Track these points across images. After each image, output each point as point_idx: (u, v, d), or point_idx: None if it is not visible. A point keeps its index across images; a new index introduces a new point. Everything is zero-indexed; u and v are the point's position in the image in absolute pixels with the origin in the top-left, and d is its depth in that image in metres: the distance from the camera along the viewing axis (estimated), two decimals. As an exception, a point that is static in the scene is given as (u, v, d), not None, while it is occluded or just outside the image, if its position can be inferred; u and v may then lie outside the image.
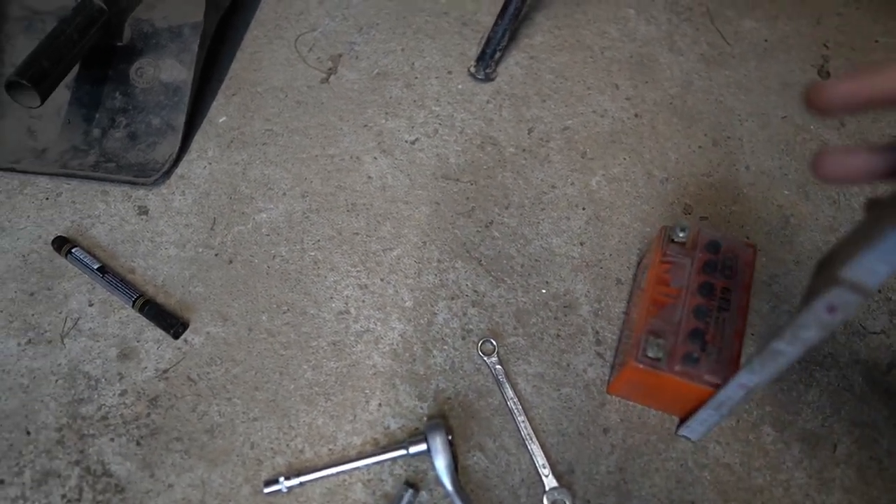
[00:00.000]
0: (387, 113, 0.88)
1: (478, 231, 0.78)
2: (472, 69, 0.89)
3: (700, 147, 0.85)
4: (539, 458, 0.66)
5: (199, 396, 0.69)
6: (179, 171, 0.83)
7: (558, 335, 0.72)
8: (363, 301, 0.74)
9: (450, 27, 0.97)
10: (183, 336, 0.72)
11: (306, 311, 0.74)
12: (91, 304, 0.74)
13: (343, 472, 0.64)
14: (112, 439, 0.67)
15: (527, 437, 0.67)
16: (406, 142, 0.85)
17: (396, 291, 0.75)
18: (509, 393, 0.69)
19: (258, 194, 0.81)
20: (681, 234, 0.66)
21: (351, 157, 0.84)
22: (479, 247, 0.77)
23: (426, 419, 0.67)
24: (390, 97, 0.90)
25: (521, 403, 0.68)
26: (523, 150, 0.84)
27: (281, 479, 0.63)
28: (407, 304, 0.74)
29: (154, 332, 0.72)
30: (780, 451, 0.67)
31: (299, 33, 0.96)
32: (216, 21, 0.88)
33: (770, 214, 0.81)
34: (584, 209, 0.80)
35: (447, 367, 0.71)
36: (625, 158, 0.84)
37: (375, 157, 0.84)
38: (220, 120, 0.87)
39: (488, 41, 0.87)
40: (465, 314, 0.73)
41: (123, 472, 0.66)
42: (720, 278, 0.65)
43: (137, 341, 0.72)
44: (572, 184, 0.82)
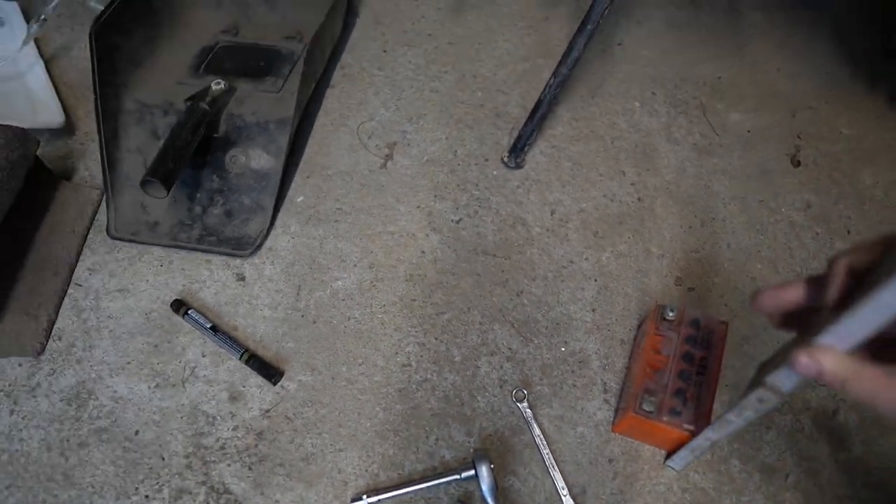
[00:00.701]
0: (435, 196, 1.09)
1: (511, 299, 0.98)
2: (505, 158, 1.10)
3: (690, 227, 1.04)
4: (559, 482, 0.86)
5: (295, 431, 0.89)
6: (268, 244, 1.03)
7: (574, 385, 0.92)
8: (421, 356, 0.94)
9: (485, 118, 1.18)
10: (280, 383, 0.92)
11: (377, 363, 0.94)
12: (204, 356, 0.94)
13: (409, 493, 0.85)
14: (229, 465, 0.87)
15: (550, 465, 0.87)
16: (452, 221, 1.04)
17: (447, 349, 0.95)
18: (536, 431, 0.89)
19: (333, 265, 1.01)
20: (670, 314, 0.87)
21: (407, 234, 1.03)
22: (512, 312, 0.97)
23: (473, 451, 0.88)
24: (437, 181, 1.11)
25: (545, 439, 0.88)
26: (547, 229, 1.04)
27: (364, 497, 0.84)
28: (456, 359, 0.94)
29: (256, 380, 0.92)
30: (744, 478, 0.87)
31: (360, 122, 1.17)
32: (299, 118, 1.07)
33: (745, 285, 1.01)
34: (595, 281, 1.00)
35: (488, 410, 0.91)
36: (629, 237, 1.03)
37: (427, 234, 1.03)
38: (299, 199, 1.06)
39: (519, 137, 1.07)
40: (501, 367, 0.93)
41: (240, 491, 0.85)
42: (699, 349, 0.85)
43: (243, 386, 0.92)
44: (586, 259, 1.01)
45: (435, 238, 1.05)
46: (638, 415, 0.82)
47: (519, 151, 1.10)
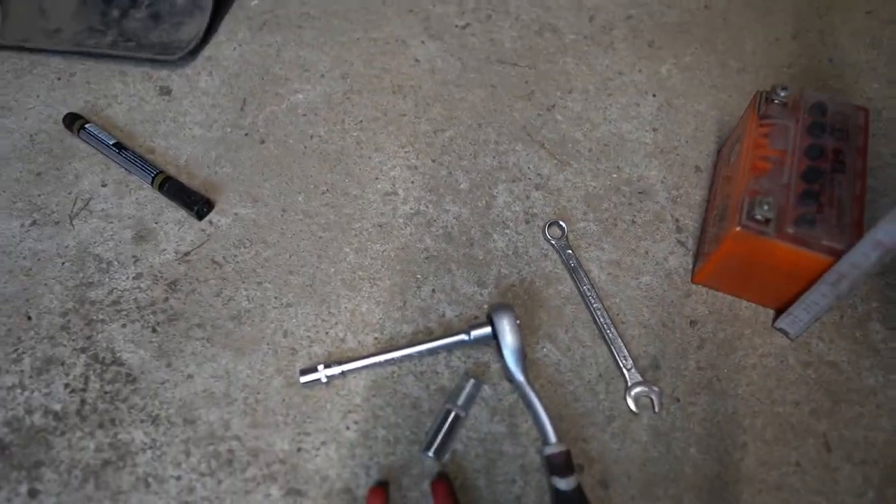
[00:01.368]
0: (433, -2, 0.79)
1: (539, 114, 0.67)
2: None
3: (777, 39, 0.75)
4: (619, 350, 0.55)
5: (224, 280, 0.58)
6: (206, 52, 0.72)
7: (633, 221, 0.62)
8: (412, 182, 0.63)
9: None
10: (207, 217, 0.61)
11: (348, 191, 0.63)
12: (104, 185, 0.64)
13: (391, 362, 0.52)
14: (124, 325, 0.56)
15: (604, 327, 0.56)
16: (456, 26, 0.75)
17: (450, 173, 0.64)
18: (584, 280, 0.58)
19: (293, 76, 0.71)
20: (782, 94, 0.56)
21: (396, 41, 0.73)
22: (541, 130, 0.67)
23: (488, 305, 0.57)
24: (437, -17, 0.81)
25: (595, 291, 0.58)
26: (585, 36, 0.74)
27: (320, 368, 0.51)
28: (462, 185, 0.63)
29: (175, 213, 0.62)
30: (893, 349, 0.57)
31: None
32: None
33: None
34: (654, 96, 0.70)
35: (509, 252, 0.59)
36: (696, 48, 0.74)
37: (423, 41, 0.73)
38: (253, 3, 0.76)
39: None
40: (528, 197, 0.62)
41: (136, 361, 0.55)
42: (832, 140, 0.55)
43: (156, 223, 0.62)
44: (640, 71, 0.71)
45: (433, 46, 0.73)
46: (746, 230, 0.49)
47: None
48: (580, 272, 0.57)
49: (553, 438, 0.49)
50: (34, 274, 0.58)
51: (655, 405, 0.52)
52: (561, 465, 0.47)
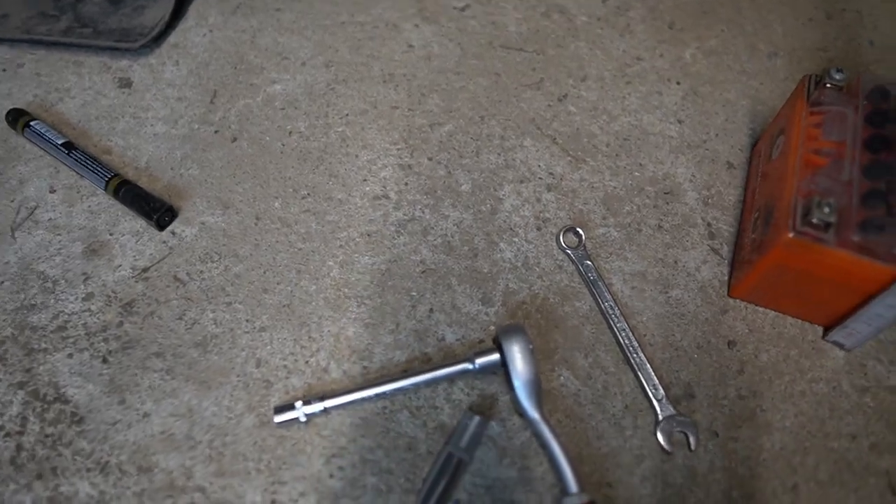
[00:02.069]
0: (428, -21, 0.71)
1: (549, 105, 0.59)
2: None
3: (810, 20, 0.67)
4: (648, 378, 0.46)
5: (188, 301, 0.50)
6: (172, 39, 0.64)
7: (660, 226, 0.53)
8: (406, 184, 0.55)
9: None
10: (170, 227, 0.53)
11: (332, 195, 0.54)
12: (53, 191, 0.55)
13: (382, 396, 0.44)
14: (70, 355, 0.48)
15: (629, 350, 0.48)
16: (454, 8, 0.66)
17: (449, 173, 0.55)
18: (605, 295, 0.50)
19: (270, 64, 0.62)
20: (837, 77, 0.48)
21: (386, 25, 0.65)
22: (552, 122, 0.58)
23: (495, 327, 0.49)
24: (431, -36, 0.72)
25: (618, 308, 0.50)
26: (598, 18, 0.66)
27: (298, 405, 0.43)
28: (463, 187, 0.54)
29: (132, 223, 0.53)
30: (966, 373, 0.50)
31: None
32: None
33: (905, 96, 0.64)
34: (678, 83, 0.61)
35: (518, 264, 0.51)
36: (722, 30, 0.66)
37: (417, 25, 0.65)
38: (225, -15, 0.70)
39: None
40: (538, 200, 0.54)
41: (83, 398, 0.46)
42: None
43: (110, 234, 0.53)
44: (661, 56, 0.63)
45: (428, 29, 0.65)
46: (801, 236, 0.40)
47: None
48: (600, 286, 0.49)
49: (574, 487, 0.41)
50: (-33, 295, 0.50)
51: (691, 442, 0.44)
52: (584, 521, 0.39)
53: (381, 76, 0.60)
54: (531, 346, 0.43)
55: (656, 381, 0.46)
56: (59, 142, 0.55)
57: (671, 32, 0.64)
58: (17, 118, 0.56)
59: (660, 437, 0.45)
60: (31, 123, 0.56)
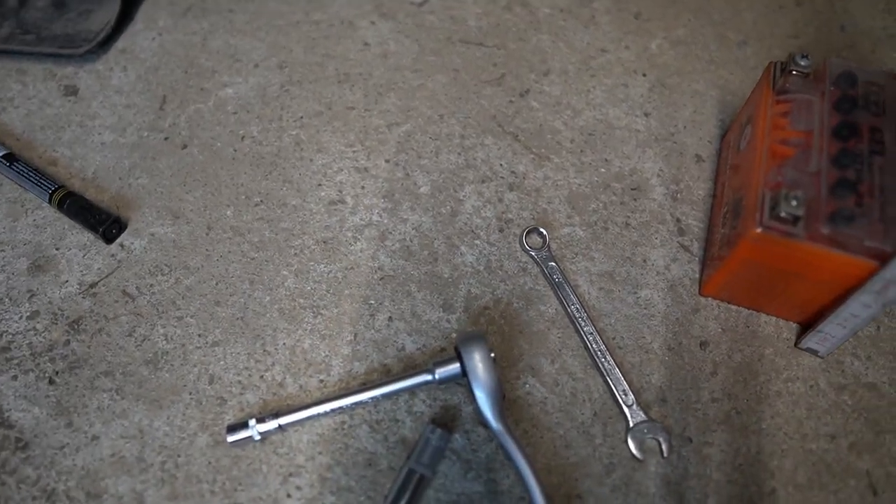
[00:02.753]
0: (386, -26, 0.68)
1: (511, 101, 0.57)
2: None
3: (780, 7, 0.65)
4: (617, 383, 0.45)
5: (138, 316, 0.48)
6: (120, 44, 0.61)
7: (627, 224, 0.51)
8: (363, 188, 0.52)
9: None
10: (119, 240, 0.50)
11: (286, 201, 0.52)
12: (-5, 206, 0.54)
13: (341, 410, 0.42)
14: (14, 377, 0.45)
15: (598, 355, 0.46)
16: (412, 3, 0.64)
17: (408, 175, 0.53)
18: (571, 297, 0.48)
19: (222, 67, 0.60)
20: (802, 63, 0.47)
21: (342, 23, 0.63)
22: (514, 119, 0.56)
23: (456, 335, 0.47)
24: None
25: (586, 311, 0.48)
26: (561, 10, 0.64)
27: (252, 423, 0.41)
28: (422, 189, 0.52)
29: (80, 237, 0.51)
30: (944, 366, 0.48)
31: None
32: None
33: (877, 81, 0.62)
34: (644, 75, 0.59)
35: (480, 268, 0.49)
36: (689, 19, 0.64)
37: (373, 22, 0.63)
38: (175, -14, 0.67)
39: None
40: (501, 200, 0.52)
41: (28, 422, 0.44)
42: (867, 117, 0.45)
43: (56, 249, 0.51)
44: (627, 47, 0.61)
45: (385, 26, 0.62)
46: (768, 231, 0.39)
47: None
48: (566, 288, 0.47)
49: (541, 501, 0.39)
50: None
51: (664, 448, 0.43)
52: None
53: (336, 76, 0.58)
54: (493, 354, 0.41)
55: (626, 386, 0.44)
56: (0, 154, 0.52)
57: (637, 23, 0.62)
58: (-44, 131, 0.54)
59: (631, 444, 0.43)
60: (-29, 136, 0.53)
